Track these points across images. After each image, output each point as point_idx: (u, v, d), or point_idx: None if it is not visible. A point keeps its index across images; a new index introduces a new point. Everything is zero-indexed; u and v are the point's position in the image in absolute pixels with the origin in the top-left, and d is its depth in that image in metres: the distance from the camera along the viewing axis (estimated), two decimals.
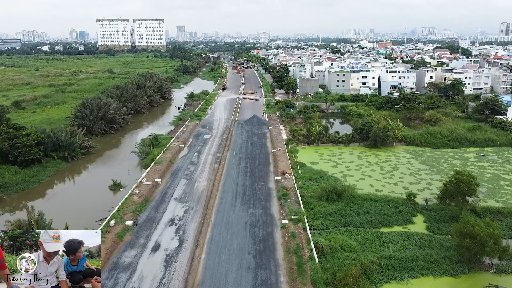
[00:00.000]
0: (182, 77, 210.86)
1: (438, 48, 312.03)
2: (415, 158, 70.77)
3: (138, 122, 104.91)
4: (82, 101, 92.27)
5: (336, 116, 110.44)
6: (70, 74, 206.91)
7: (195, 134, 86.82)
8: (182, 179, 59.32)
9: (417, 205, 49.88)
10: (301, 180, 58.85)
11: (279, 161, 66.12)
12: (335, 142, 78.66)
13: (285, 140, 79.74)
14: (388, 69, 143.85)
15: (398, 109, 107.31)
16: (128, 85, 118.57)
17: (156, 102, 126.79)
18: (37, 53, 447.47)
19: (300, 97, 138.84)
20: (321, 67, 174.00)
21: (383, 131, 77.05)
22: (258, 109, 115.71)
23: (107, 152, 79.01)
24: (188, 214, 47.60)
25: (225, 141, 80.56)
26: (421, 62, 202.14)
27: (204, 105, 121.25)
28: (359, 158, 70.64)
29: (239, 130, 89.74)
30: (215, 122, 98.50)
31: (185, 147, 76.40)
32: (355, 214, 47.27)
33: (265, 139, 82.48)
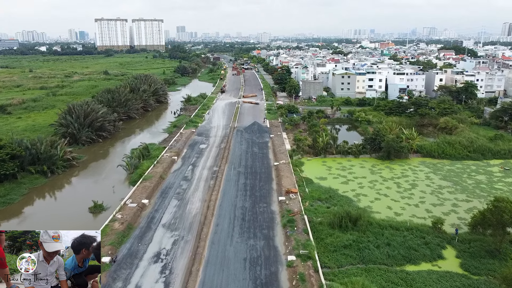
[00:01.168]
0: (180, 78, 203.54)
1: (443, 49, 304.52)
2: (434, 172, 63.50)
3: (130, 129, 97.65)
4: (67, 107, 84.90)
5: (343, 122, 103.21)
6: (64, 76, 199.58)
7: (191, 143, 79.57)
8: (172, 199, 52.09)
9: (445, 235, 42.63)
10: (308, 200, 51.62)
11: (282, 177, 58.88)
12: (344, 154, 71.41)
13: (289, 151, 72.50)
14: (395, 71, 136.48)
15: (409, 114, 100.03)
16: (120, 89, 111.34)
17: (150, 106, 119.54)
18: (34, 54, 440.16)
19: (303, 100, 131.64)
20: (324, 68, 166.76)
21: (397, 142, 69.80)
22: (258, 114, 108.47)
23: (92, 164, 71.77)
24: (177, 246, 40.36)
25: (222, 151, 73.34)
26: (428, 64, 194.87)
27: (202, 109, 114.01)
28: (372, 173, 63.39)
29: (238, 138, 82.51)
30: (213, 129, 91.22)
31: (178, 159, 69.16)
32: (374, 246, 40.03)
33: (266, 149, 75.23)
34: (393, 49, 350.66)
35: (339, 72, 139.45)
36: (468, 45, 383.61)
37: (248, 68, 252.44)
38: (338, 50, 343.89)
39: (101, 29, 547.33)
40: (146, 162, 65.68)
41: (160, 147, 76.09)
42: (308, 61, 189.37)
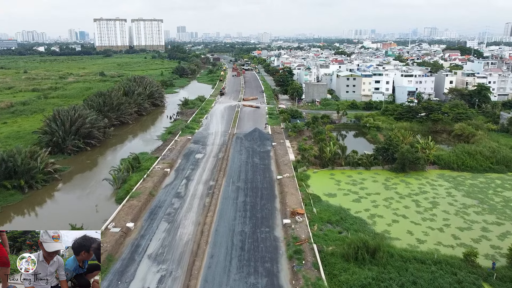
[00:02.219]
0: (178, 80, 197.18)
1: (448, 49, 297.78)
2: (456, 187, 57.00)
3: (122, 135, 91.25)
4: (52, 113, 78.54)
5: (350, 128, 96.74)
6: (58, 77, 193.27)
7: (186, 152, 73.15)
8: (162, 221, 45.69)
9: (480, 270, 36.15)
10: (317, 223, 45.19)
11: (287, 194, 52.48)
12: (353, 165, 64.93)
13: (293, 162, 66.06)
14: (403, 73, 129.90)
15: (420, 120, 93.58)
16: (113, 92, 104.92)
17: (145, 110, 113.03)
18: (32, 54, 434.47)
19: (306, 104, 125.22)
20: (328, 70, 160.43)
21: (412, 153, 63.31)
22: (259, 119, 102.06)
23: (77, 176, 65.40)
24: (164, 284, 33.98)
25: (220, 162, 66.90)
26: (435, 65, 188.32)
27: (199, 114, 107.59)
28: (386, 188, 56.92)
29: (237, 147, 76.10)
30: (210, 136, 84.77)
31: (171, 172, 62.72)
32: (397, 286, 33.59)
33: (268, 159, 68.76)
34: (396, 50, 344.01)
35: (344, 74, 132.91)
36: (472, 46, 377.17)
37: (249, 69, 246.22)
38: (340, 50, 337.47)
39: (100, 29, 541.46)
40: (135, 176, 59.35)
41: (152, 157, 69.68)
42: (310, 62, 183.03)
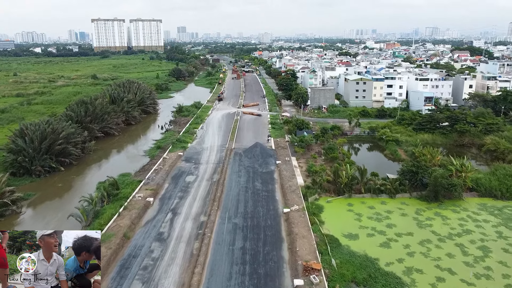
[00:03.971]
0: (175, 83, 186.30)
1: (457, 50, 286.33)
2: (505, 224, 45.96)
3: (105, 150, 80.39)
4: (19, 127, 67.66)
5: (363, 140, 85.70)
6: (47, 81, 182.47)
7: (175, 173, 62.23)
8: (134, 281, 34.77)
9: None
10: (338, 284, 34.26)
11: (297, 236, 41.58)
12: (375, 192, 53.95)
13: (302, 187, 55.11)
14: (418, 77, 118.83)
15: (444, 131, 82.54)
16: (97, 100, 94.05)
17: (134, 119, 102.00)
18: (28, 55, 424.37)
19: (312, 110, 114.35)
20: (334, 72, 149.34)
21: (446, 178, 52.31)
22: (261, 129, 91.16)
23: (42, 206, 54.47)
24: None
25: (215, 188, 55.95)
26: (447, 66, 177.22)
27: (194, 123, 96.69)
28: (419, 225, 45.89)
29: (236, 166, 65.16)
30: (205, 152, 73.84)
31: (155, 201, 51.81)
32: None
33: (272, 184, 57.77)
34: (402, 50, 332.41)
35: (353, 78, 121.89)
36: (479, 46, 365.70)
37: (249, 71, 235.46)
38: (344, 51, 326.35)
39: (97, 30, 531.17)
40: (110, 208, 48.48)
41: (134, 181, 58.72)
42: (315, 64, 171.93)
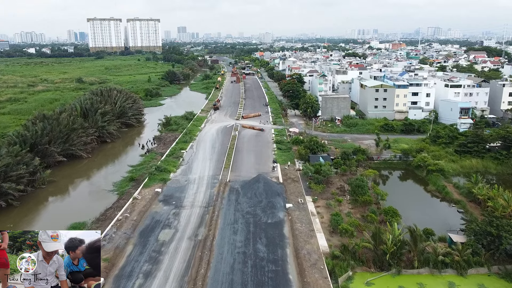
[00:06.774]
0: (167, 88, 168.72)
1: (472, 50, 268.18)
2: None
3: (63, 181, 62.48)
4: None
5: (393, 167, 67.89)
6: (27, 85, 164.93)
7: (146, 225, 44.57)
8: None
9: None
10: None
11: None
12: (435, 266, 36.27)
13: (326, 257, 37.39)
14: (448, 83, 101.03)
15: (497, 156, 64.83)
16: (62, 114, 76.46)
17: (110, 136, 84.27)
18: (20, 56, 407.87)
19: (324, 123, 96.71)
20: (346, 76, 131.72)
21: None
22: (265, 151, 73.44)
23: None
24: None
25: (199, 254, 38.25)
26: (470, 69, 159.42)
27: (181, 141, 78.99)
28: None
29: (230, 214, 47.38)
30: (190, 187, 55.99)
31: (107, 283, 34.17)
32: None
33: (282, 248, 39.87)
34: (410, 51, 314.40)
35: (371, 84, 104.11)
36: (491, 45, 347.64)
37: (250, 73, 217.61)
38: (350, 51, 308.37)
39: (93, 30, 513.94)
40: None
41: None
42: (323, 67, 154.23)
